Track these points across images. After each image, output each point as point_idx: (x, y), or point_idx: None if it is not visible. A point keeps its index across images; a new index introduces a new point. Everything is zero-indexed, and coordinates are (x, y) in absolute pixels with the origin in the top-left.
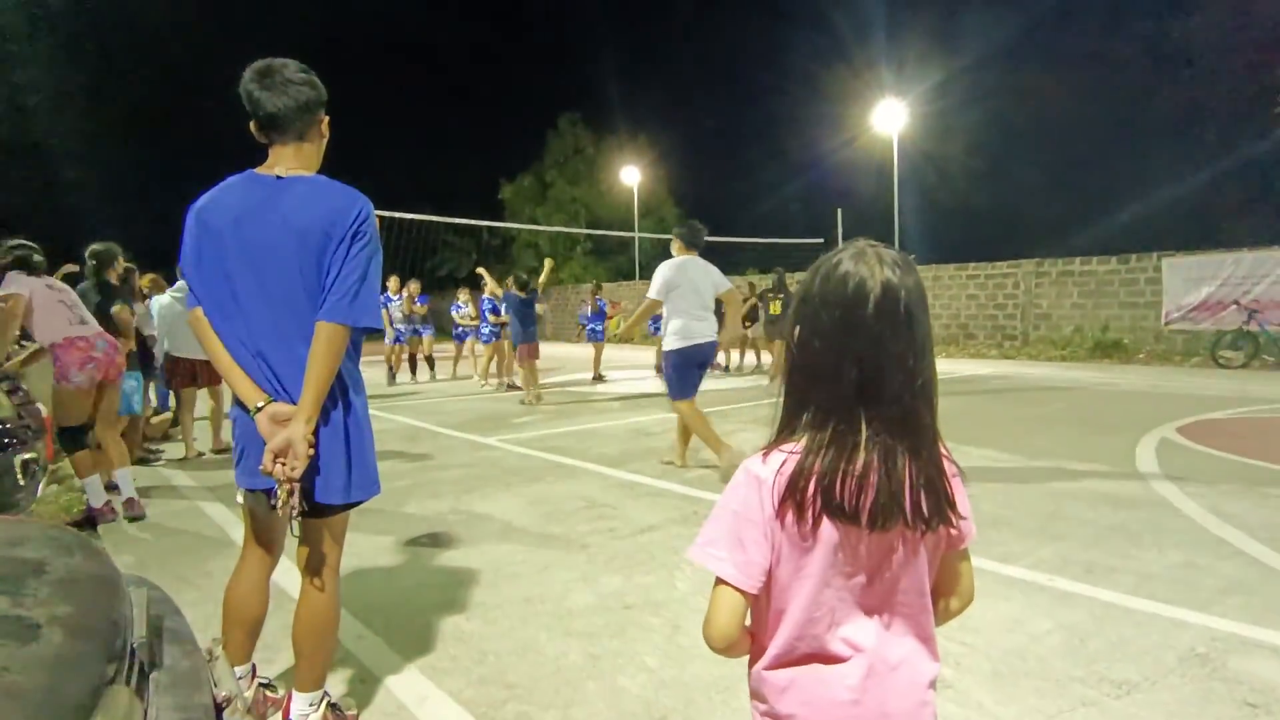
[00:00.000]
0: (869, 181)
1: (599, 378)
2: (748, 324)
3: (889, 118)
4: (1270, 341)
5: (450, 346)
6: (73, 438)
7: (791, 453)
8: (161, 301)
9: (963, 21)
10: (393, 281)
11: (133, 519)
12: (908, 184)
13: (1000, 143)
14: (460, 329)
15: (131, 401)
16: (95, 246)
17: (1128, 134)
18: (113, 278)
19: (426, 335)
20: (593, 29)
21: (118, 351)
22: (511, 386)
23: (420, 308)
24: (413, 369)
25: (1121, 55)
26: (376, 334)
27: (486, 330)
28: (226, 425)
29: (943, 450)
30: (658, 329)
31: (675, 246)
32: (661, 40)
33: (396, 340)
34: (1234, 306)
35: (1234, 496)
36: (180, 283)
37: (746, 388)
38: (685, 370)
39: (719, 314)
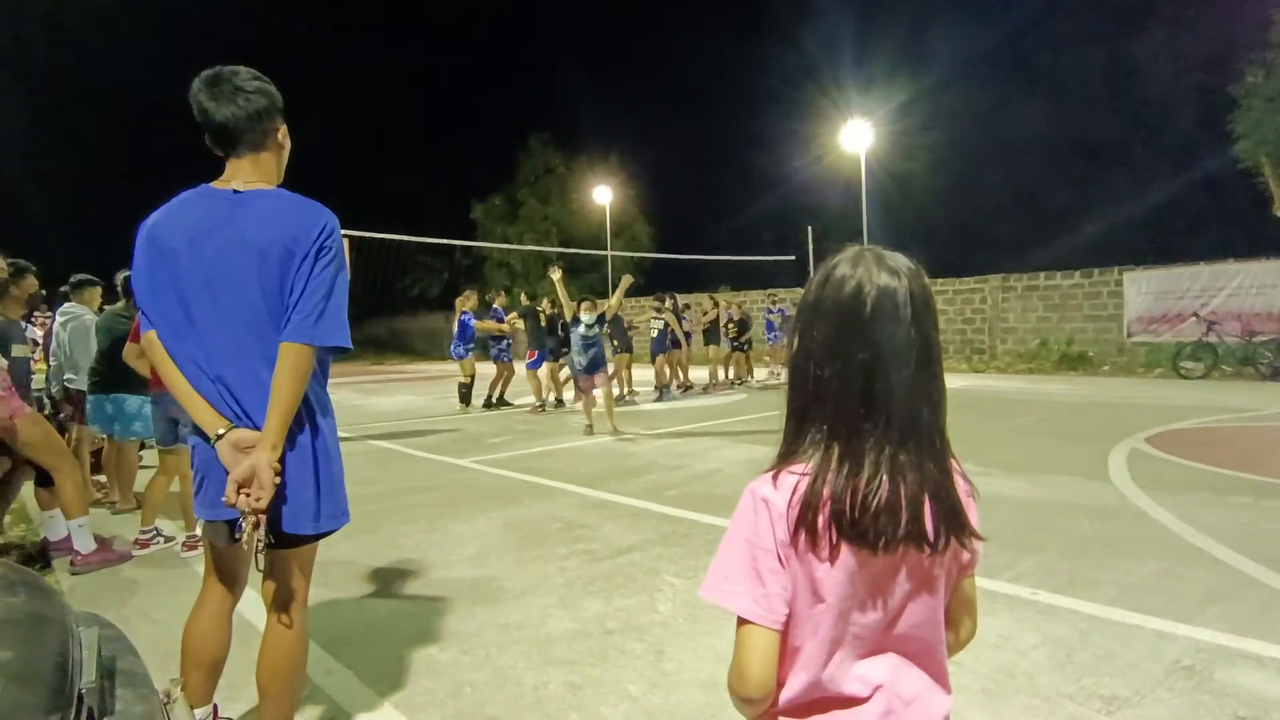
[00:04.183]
0: (837, 199)
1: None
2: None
3: (856, 137)
4: (1228, 352)
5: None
6: (40, 471)
7: (802, 474)
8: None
9: (927, 44)
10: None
11: (75, 573)
12: (875, 201)
13: (965, 161)
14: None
15: (134, 426)
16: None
17: (1087, 153)
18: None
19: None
20: (562, 50)
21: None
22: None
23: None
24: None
25: (1080, 77)
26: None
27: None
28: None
29: (955, 466)
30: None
31: None
32: (632, 61)
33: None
34: (1193, 319)
35: (1205, 505)
36: (65, 305)
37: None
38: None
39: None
